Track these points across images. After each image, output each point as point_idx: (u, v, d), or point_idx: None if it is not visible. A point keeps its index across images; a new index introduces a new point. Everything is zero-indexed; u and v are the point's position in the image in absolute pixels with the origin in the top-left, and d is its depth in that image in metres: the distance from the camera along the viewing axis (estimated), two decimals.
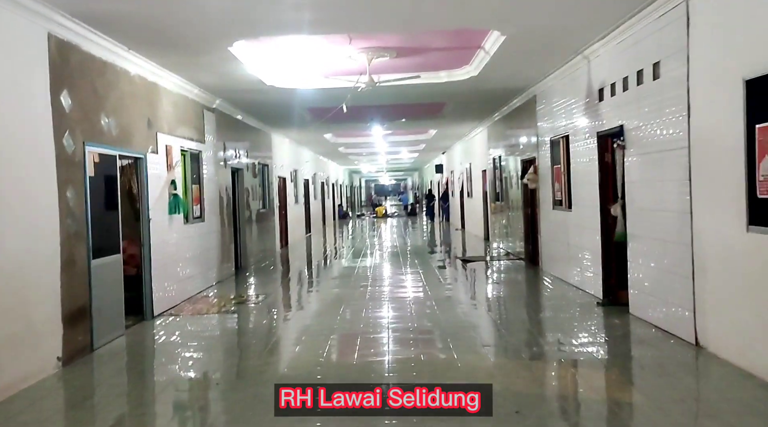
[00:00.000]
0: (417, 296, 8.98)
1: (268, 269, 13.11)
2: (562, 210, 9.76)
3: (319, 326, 7.24)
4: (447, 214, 28.18)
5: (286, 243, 18.38)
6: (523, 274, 11.12)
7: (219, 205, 11.19)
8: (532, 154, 11.67)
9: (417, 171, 50.22)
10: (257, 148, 14.80)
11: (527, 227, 12.43)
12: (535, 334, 6.63)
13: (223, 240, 11.36)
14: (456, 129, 18.00)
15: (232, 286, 10.73)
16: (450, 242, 18.77)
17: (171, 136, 8.84)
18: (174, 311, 8.33)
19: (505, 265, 12.27)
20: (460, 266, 12.57)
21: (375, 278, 10.93)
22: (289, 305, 9.04)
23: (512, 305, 8.40)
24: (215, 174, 11.01)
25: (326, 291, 10.09)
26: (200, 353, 6.20)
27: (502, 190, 15.06)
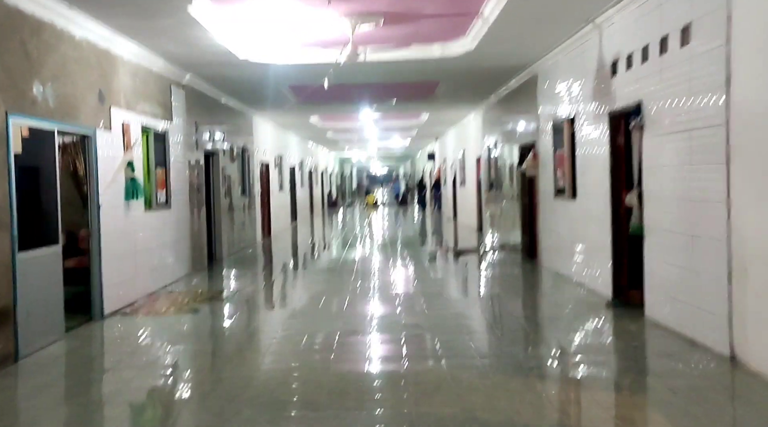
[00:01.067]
0: (406, 294, 8.07)
1: (245, 261, 12.17)
2: (565, 200, 8.86)
3: (292, 329, 6.33)
4: (439, 203, 27.27)
5: (269, 233, 17.42)
6: (520, 268, 10.23)
7: (189, 191, 10.21)
8: (531, 140, 10.75)
9: (409, 159, 49.25)
10: (236, 132, 13.80)
11: (524, 217, 11.53)
12: (539, 342, 5.73)
13: (195, 229, 10.40)
14: (449, 113, 17.05)
15: (204, 280, 9.78)
16: (442, 233, 17.87)
17: (129, 112, 7.84)
18: (130, 309, 7.39)
19: (500, 258, 11.38)
20: (452, 258, 11.67)
21: (361, 273, 10.01)
22: (263, 303, 8.11)
23: (510, 305, 7.50)
24: (185, 157, 10.02)
25: (306, 287, 9.17)
26: (145, 363, 5.27)
27: (497, 179, 14.15)
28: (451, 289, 8.77)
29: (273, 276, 10.65)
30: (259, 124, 16.20)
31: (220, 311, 7.43)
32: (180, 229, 9.72)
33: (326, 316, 6.89)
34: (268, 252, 14.29)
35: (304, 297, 8.19)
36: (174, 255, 9.39)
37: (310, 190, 27.25)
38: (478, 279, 9.58)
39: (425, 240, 16.13)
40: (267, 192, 17.47)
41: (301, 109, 15.40)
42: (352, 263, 11.19)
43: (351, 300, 7.72)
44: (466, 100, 14.70)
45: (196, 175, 10.63)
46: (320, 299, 7.86)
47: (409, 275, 9.69)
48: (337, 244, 15.49)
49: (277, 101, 13.13)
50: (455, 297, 8.17)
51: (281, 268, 11.75)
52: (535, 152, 10.37)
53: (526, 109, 11.02)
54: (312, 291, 8.65)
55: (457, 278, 9.73)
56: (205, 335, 6.29)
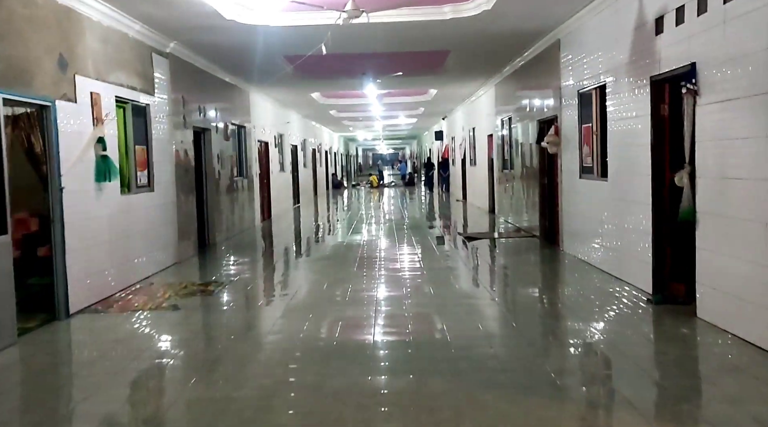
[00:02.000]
0: (414, 286, 7.16)
1: (242, 247, 11.28)
2: (593, 179, 7.89)
3: (283, 331, 5.44)
4: (447, 184, 26.29)
5: (269, 215, 16.53)
6: (540, 256, 9.30)
7: (177, 172, 9.29)
8: (552, 114, 9.75)
9: (415, 139, 48.18)
10: (231, 108, 12.84)
11: (543, 199, 10.58)
12: (574, 351, 4.81)
13: (183, 213, 9.50)
14: (459, 88, 16.02)
15: (193, 269, 8.90)
16: (451, 216, 16.93)
17: (100, 81, 6.90)
18: (102, 305, 6.52)
19: (516, 243, 10.45)
20: (464, 243, 10.75)
21: (365, 260, 9.10)
22: (253, 297, 7.22)
23: (534, 300, 6.58)
24: (170, 134, 9.09)
25: (303, 277, 8.27)
26: (102, 381, 4.39)
27: (512, 157, 13.17)
28: (463, 281, 7.85)
29: (270, 263, 9.77)
30: (256, 100, 15.22)
31: (206, 306, 6.55)
32: (165, 213, 8.82)
33: (323, 313, 6.00)
34: (268, 236, 13.41)
35: (302, 290, 7.30)
36: (158, 242, 8.50)
37: (314, 170, 26.30)
38: (494, 268, 8.66)
39: (433, 223, 15.20)
40: (266, 173, 16.54)
41: (300, 84, 14.42)
42: (356, 249, 10.29)
43: (354, 292, 6.83)
44: (478, 73, 13.67)
45: (184, 154, 9.71)
46: (318, 294, 6.97)
47: (418, 263, 8.78)
48: (341, 227, 14.59)
49: (273, 74, 12.14)
50: (468, 291, 7.25)
51: (280, 253, 10.86)
52: (556, 127, 9.38)
53: (546, 80, 10.01)
54: (309, 283, 7.75)
55: (470, 268, 8.82)
56: (182, 339, 5.40)
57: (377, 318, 5.77)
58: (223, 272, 8.72)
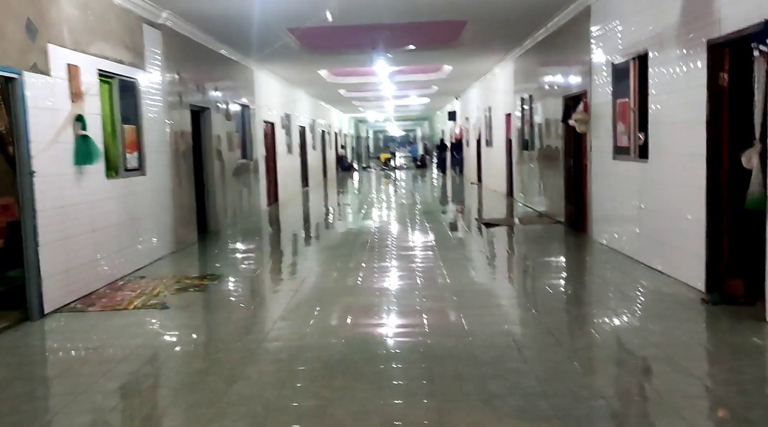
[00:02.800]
0: (429, 281, 6.42)
1: (245, 234, 10.59)
2: (630, 160, 7.09)
3: (282, 337, 4.73)
4: (460, 166, 25.44)
5: (276, 200, 15.83)
6: (567, 244, 8.52)
7: (172, 154, 8.57)
8: (580, 89, 8.91)
9: (427, 120, 47.22)
10: (233, 86, 12.08)
11: (569, 182, 9.78)
12: (626, 368, 4.04)
13: (180, 198, 8.79)
14: (475, 64, 15.13)
15: (189, 259, 8.21)
16: (466, 200, 16.14)
17: (79, 52, 6.16)
18: (83, 302, 5.84)
19: (539, 230, 9.66)
20: (482, 230, 9.98)
21: (375, 251, 8.38)
22: (252, 293, 6.50)
23: (567, 299, 5.81)
24: (165, 113, 8.35)
25: (309, 269, 7.55)
26: (68, 394, 3.70)
27: (532, 138, 12.34)
28: (484, 275, 7.10)
29: (274, 252, 9.06)
30: (261, 79, 14.44)
31: (199, 304, 5.85)
32: (160, 199, 8.11)
33: (328, 316, 5.29)
34: (275, 222, 12.72)
35: (307, 284, 6.59)
36: (152, 231, 7.81)
37: (323, 153, 25.54)
38: (517, 260, 7.89)
39: (448, 208, 14.43)
40: (273, 155, 15.80)
41: (307, 61, 13.61)
42: (367, 237, 9.56)
43: (364, 290, 6.12)
44: (496, 47, 12.80)
45: (181, 135, 8.98)
46: (324, 291, 6.25)
47: (432, 253, 8.04)
48: (351, 212, 13.86)
49: (277, 48, 11.35)
50: (492, 288, 6.50)
51: (285, 242, 10.16)
52: (585, 104, 8.55)
53: (574, 52, 9.16)
54: (314, 277, 7.04)
55: (492, 260, 8.05)
56: (164, 348, 4.70)
57: (390, 320, 5.05)
58: (223, 262, 8.02)
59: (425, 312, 5.21)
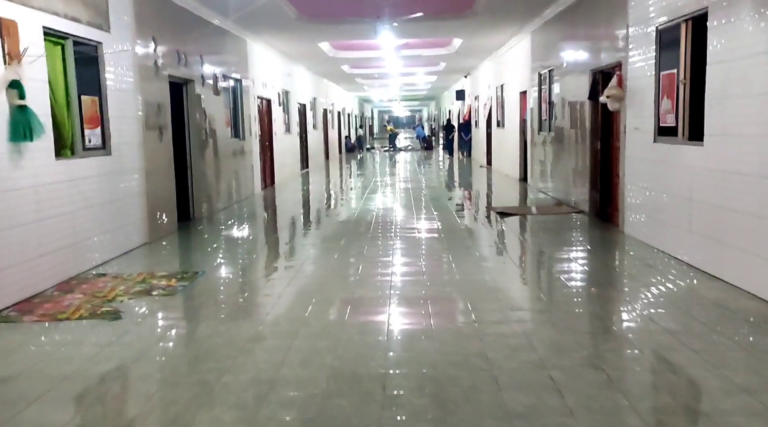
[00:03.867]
0: (439, 295, 5.39)
1: (234, 220, 9.56)
2: (678, 143, 6.00)
3: (254, 364, 3.71)
4: (468, 148, 24.29)
5: (272, 182, 14.79)
6: (596, 239, 7.45)
7: (145, 130, 7.51)
8: (612, 61, 7.80)
9: (433, 100, 45.96)
10: (223, 58, 10.97)
11: (595, 166, 8.70)
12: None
13: (155, 181, 7.75)
14: (488, 37, 13.95)
15: (164, 252, 7.19)
16: (475, 184, 15.05)
17: (16, 4, 5.08)
18: (20, 309, 4.82)
19: (560, 221, 8.59)
20: (495, 221, 8.93)
21: (376, 244, 7.35)
22: (229, 299, 5.43)
23: (616, 316, 4.75)
24: (137, 84, 7.28)
25: (299, 267, 6.50)
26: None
27: (551, 118, 11.23)
28: (504, 281, 6.03)
29: (263, 243, 8.03)
30: (256, 51, 13.31)
31: (160, 312, 4.82)
32: (129, 182, 7.07)
33: (317, 334, 4.26)
34: (269, 206, 11.69)
35: (295, 288, 5.55)
36: (118, 219, 6.78)
37: (325, 133, 24.41)
38: (541, 260, 6.84)
39: (456, 194, 13.36)
40: (269, 134, 14.72)
41: (306, 32, 12.47)
42: (368, 226, 8.52)
43: (359, 300, 5.10)
44: (513, 18, 11.63)
45: (157, 110, 7.91)
46: (313, 294, 5.22)
47: (442, 251, 7.01)
48: (353, 197, 12.81)
49: (272, 15, 10.23)
50: (514, 299, 5.44)
51: (276, 230, 9.13)
52: (620, 77, 7.43)
53: (606, 19, 8.02)
54: (303, 276, 6.01)
55: (512, 260, 7.00)
56: (101, 379, 3.66)
57: (389, 344, 4.02)
58: (202, 256, 7.00)
59: (436, 335, 4.17)
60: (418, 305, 4.81)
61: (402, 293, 5.17)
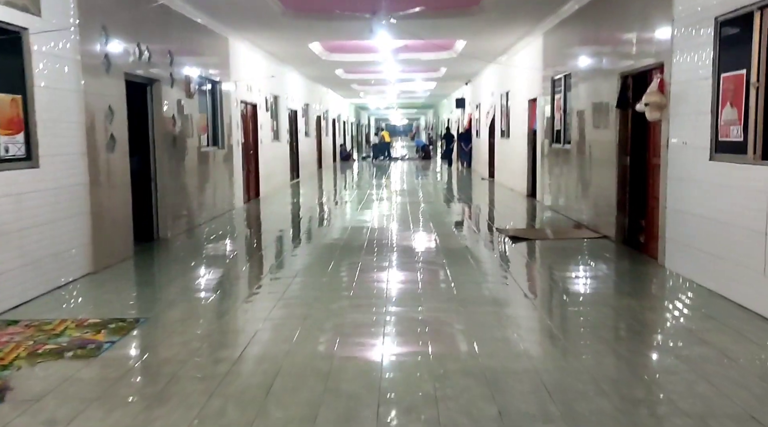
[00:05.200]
0: (444, 353, 4.13)
1: (203, 242, 8.27)
2: (748, 162, 4.76)
3: None
4: (468, 159, 23.08)
5: (257, 194, 13.53)
6: (638, 279, 6.14)
7: (89, 137, 6.25)
8: (651, 61, 6.58)
9: (431, 109, 44.83)
10: (198, 56, 9.73)
11: (623, 186, 7.48)
12: None
13: (102, 199, 6.47)
14: (495, 39, 12.74)
15: (109, 285, 5.89)
16: (478, 200, 13.80)
17: None
18: None
19: (584, 249, 7.34)
20: (506, 247, 7.67)
21: (365, 278, 6.10)
22: (163, 368, 4.09)
23: (689, 404, 3.51)
24: (78, 81, 6.02)
25: (273, 311, 5.22)
26: None
27: (566, 128, 10.02)
28: (525, 338, 4.76)
29: (234, 272, 6.72)
30: (239, 51, 12.07)
31: (64, 392, 3.53)
32: (64, 200, 5.79)
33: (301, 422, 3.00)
34: (251, 223, 10.45)
35: (264, 342, 4.29)
36: (47, 247, 5.50)
37: (318, 140, 23.18)
38: (567, 301, 5.56)
39: (458, 211, 12.11)
40: (254, 142, 13.48)
41: (294, 30, 11.26)
42: (357, 252, 7.27)
43: (349, 354, 3.83)
44: (524, 17, 10.43)
45: (108, 112, 6.64)
46: (295, 356, 3.95)
47: (447, 288, 5.77)
48: (342, 214, 11.54)
49: (254, 8, 9.00)
50: (537, 363, 4.19)
51: (257, 250, 7.85)
52: (662, 81, 6.20)
53: (640, 12, 6.80)
54: (283, 327, 4.74)
55: (531, 299, 5.73)
56: None
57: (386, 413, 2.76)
58: (154, 291, 5.73)
59: (429, 389, 2.91)
60: (419, 393, 3.54)
61: (403, 327, 3.90)
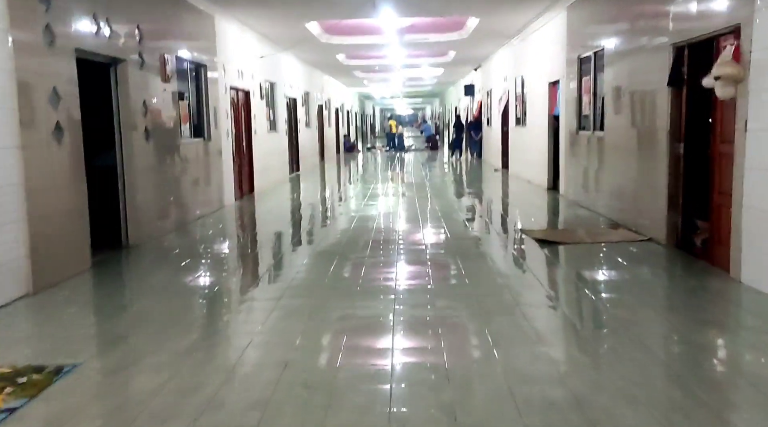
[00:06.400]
0: (469, 398, 2.97)
1: (177, 251, 7.08)
2: None
3: None
4: (479, 148, 21.81)
5: (251, 190, 12.36)
6: (711, 300, 4.93)
7: (26, 129, 5.08)
8: (720, 24, 5.33)
9: (438, 97, 43.48)
10: (176, 34, 8.54)
11: (675, 178, 6.28)
12: None
13: (46, 203, 5.30)
14: (512, 15, 11.49)
15: (40, 315, 4.73)
16: (493, 194, 12.58)
17: None
18: None
19: (631, 256, 6.11)
20: (536, 252, 6.48)
21: (365, 302, 4.93)
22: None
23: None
24: (7, 59, 4.84)
25: (244, 348, 4.05)
26: None
27: (598, 112, 8.80)
28: (577, 380, 3.58)
29: (213, 287, 5.53)
30: (228, 31, 10.87)
31: None
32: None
33: None
34: (241, 224, 9.32)
35: (242, 389, 3.13)
36: None
37: (320, 131, 21.97)
38: (624, 329, 4.36)
39: (471, 206, 10.91)
40: (247, 133, 12.29)
41: (289, 6, 10.06)
42: (353, 265, 6.10)
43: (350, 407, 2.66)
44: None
45: (53, 97, 5.45)
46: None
47: (469, 318, 4.59)
48: (343, 212, 10.37)
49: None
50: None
51: (243, 261, 6.67)
52: (737, 49, 4.96)
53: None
54: (269, 365, 3.57)
55: (576, 327, 4.54)
56: None
57: None
58: (103, 321, 4.56)
59: None
60: None
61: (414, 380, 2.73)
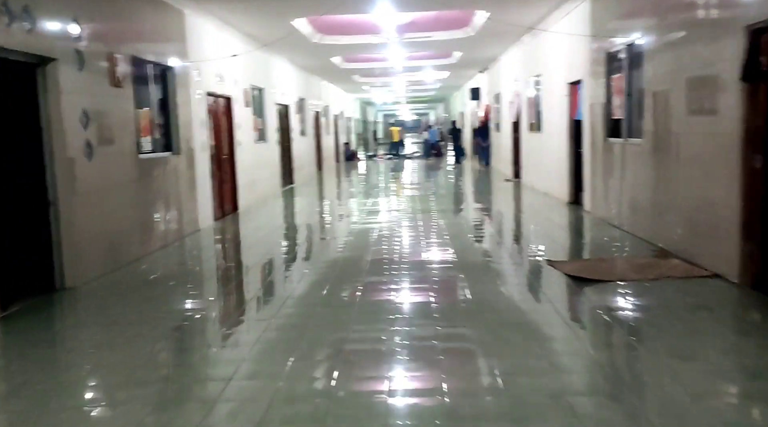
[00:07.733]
0: None
1: (127, 293, 5.70)
2: None
3: None
4: (487, 156, 20.40)
5: (234, 208, 11.00)
6: None
7: None
8: None
9: (442, 102, 42.14)
10: (130, 30, 7.20)
11: (750, 199, 4.89)
12: None
13: None
14: (525, 8, 10.12)
15: None
16: (507, 210, 11.18)
17: None
18: None
19: (700, 303, 4.72)
20: (569, 295, 5.09)
21: (364, 369, 3.54)
22: None
23: None
24: None
25: None
26: None
27: (634, 115, 7.42)
28: None
29: (168, 351, 4.15)
30: (202, 29, 9.55)
31: None
32: None
33: None
34: (215, 252, 7.95)
35: None
36: None
37: (317, 140, 20.62)
38: None
39: (486, 227, 9.53)
40: (228, 144, 10.94)
41: (273, 2, 8.71)
42: (339, 308, 4.73)
43: None
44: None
45: None
46: None
47: (488, 394, 3.20)
48: (336, 234, 8.99)
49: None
50: None
51: (209, 306, 5.27)
52: None
53: None
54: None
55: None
56: None
57: None
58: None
59: None
60: None
61: None
